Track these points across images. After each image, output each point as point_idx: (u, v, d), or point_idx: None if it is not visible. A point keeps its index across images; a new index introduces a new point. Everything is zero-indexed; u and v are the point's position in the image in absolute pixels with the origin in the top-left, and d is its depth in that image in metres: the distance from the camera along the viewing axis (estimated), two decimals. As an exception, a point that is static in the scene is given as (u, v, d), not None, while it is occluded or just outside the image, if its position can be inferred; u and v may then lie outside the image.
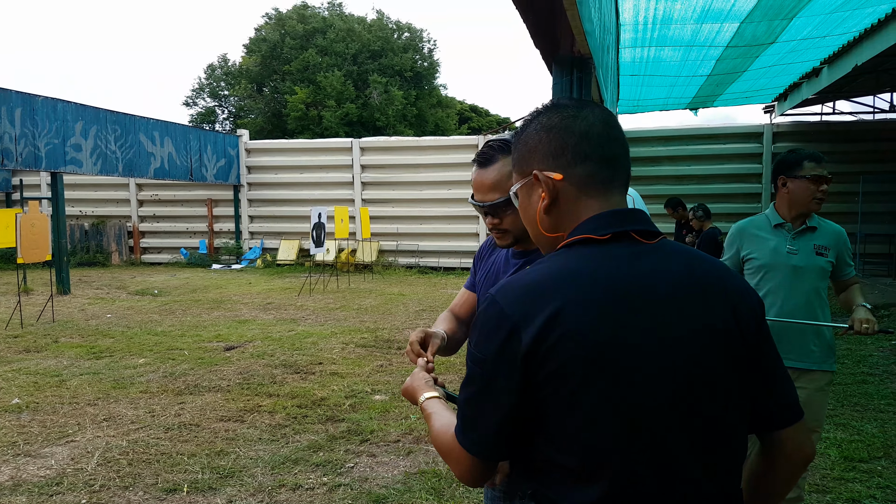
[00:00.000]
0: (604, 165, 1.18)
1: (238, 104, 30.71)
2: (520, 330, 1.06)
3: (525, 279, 1.12)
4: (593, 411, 1.05)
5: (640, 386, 1.06)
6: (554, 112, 1.22)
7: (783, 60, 8.25)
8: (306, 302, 10.88)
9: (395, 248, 15.82)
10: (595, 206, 1.17)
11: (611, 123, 1.21)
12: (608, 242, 1.13)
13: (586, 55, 3.63)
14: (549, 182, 1.19)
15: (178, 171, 14.63)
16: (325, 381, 6.04)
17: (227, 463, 4.19)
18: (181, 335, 8.09)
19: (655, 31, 6.76)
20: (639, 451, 1.05)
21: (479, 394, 1.13)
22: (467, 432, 1.16)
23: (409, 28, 30.66)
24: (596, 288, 1.07)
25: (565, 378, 1.05)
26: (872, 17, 6.73)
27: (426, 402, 1.45)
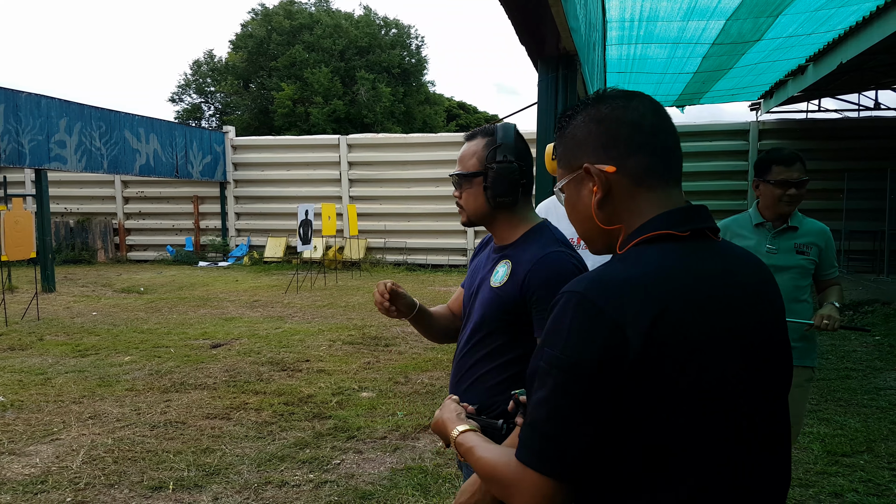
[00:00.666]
0: (658, 157, 1.13)
1: (224, 100, 30.52)
2: (625, 330, 0.97)
3: (619, 274, 1.03)
4: (695, 417, 1.00)
5: (737, 392, 1.03)
6: (602, 103, 1.15)
7: (769, 58, 8.31)
8: (293, 299, 10.85)
9: (383, 246, 15.80)
10: (655, 200, 1.12)
11: (662, 114, 1.15)
12: (689, 239, 1.08)
13: (572, 52, 3.64)
14: (601, 175, 1.13)
15: (163, 167, 14.54)
16: (312, 378, 6.02)
17: (212, 460, 4.17)
18: (167, 333, 8.05)
19: (642, 29, 6.79)
20: (727, 459, 1.02)
21: (567, 406, 1.00)
22: (548, 453, 1.01)
23: (397, 24, 30.57)
24: (694, 287, 1.03)
25: (674, 382, 0.98)
26: (857, 14, 6.78)
27: (461, 436, 1.30)
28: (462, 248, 15.16)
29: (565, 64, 3.73)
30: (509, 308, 1.76)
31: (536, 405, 1.04)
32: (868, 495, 3.69)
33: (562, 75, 3.74)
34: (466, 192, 1.85)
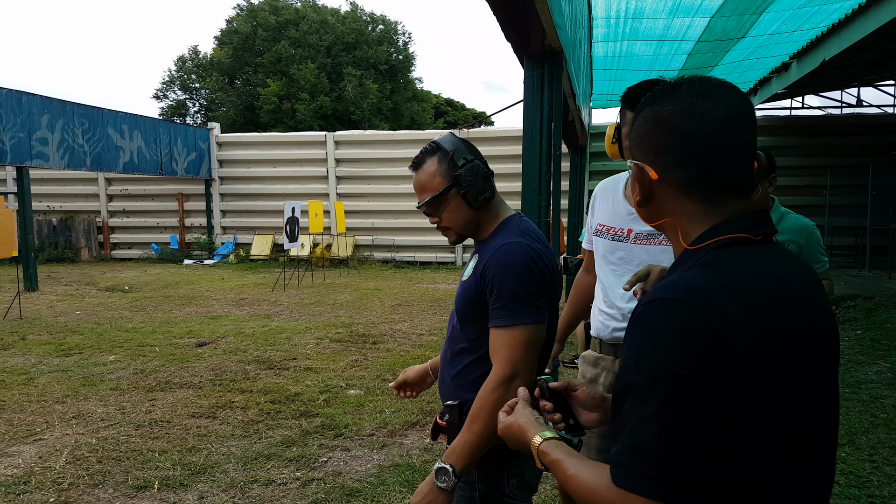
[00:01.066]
0: (708, 173, 1.07)
1: (209, 97, 30.31)
2: (728, 337, 0.94)
3: (711, 281, 1.00)
4: (785, 424, 0.99)
5: (815, 397, 1.03)
6: (668, 101, 1.10)
7: (753, 55, 8.36)
8: (280, 297, 10.81)
9: (371, 243, 15.76)
10: (707, 208, 1.08)
11: (731, 123, 1.07)
12: (762, 243, 1.07)
13: (557, 49, 3.64)
14: (643, 179, 1.12)
15: (147, 165, 14.42)
16: (299, 376, 6.01)
17: (198, 459, 4.15)
18: (152, 331, 8.00)
19: (627, 26, 6.81)
20: (805, 466, 1.03)
21: (684, 419, 0.93)
22: (661, 477, 0.94)
23: (384, 20, 30.48)
24: (780, 292, 1.02)
25: (772, 388, 0.96)
26: (839, 12, 6.83)
27: (545, 445, 1.21)
28: (450, 246, 15.16)
29: (551, 61, 3.73)
30: (476, 300, 1.78)
31: (639, 425, 0.96)
32: (849, 487, 3.73)
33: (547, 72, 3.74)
34: (447, 212, 1.84)
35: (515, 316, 1.70)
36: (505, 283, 1.71)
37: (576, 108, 6.27)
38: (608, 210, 2.39)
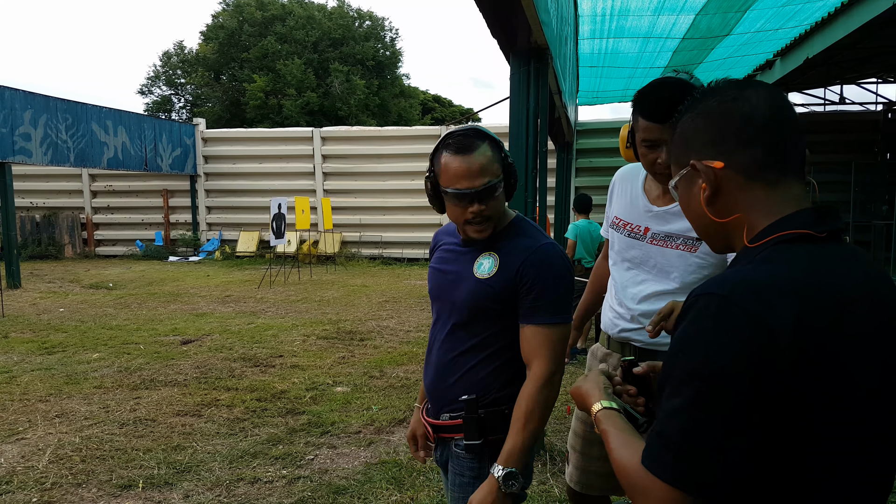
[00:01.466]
0: (773, 150, 1.06)
1: (195, 92, 30.09)
2: (776, 337, 0.91)
3: (766, 277, 0.97)
4: (836, 428, 0.96)
5: (873, 402, 0.99)
6: (711, 97, 1.10)
7: (737, 53, 8.40)
8: (266, 294, 10.76)
9: (359, 240, 15.73)
10: (777, 195, 1.06)
11: (779, 104, 1.07)
12: (826, 241, 1.02)
13: (543, 46, 3.65)
14: (709, 172, 1.08)
15: (132, 161, 14.30)
16: (286, 373, 5.99)
17: (183, 458, 4.13)
18: (136, 329, 7.94)
19: (613, 23, 6.82)
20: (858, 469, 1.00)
21: (707, 419, 0.93)
22: (689, 469, 0.94)
23: (371, 16, 30.38)
24: (840, 292, 0.98)
25: (823, 392, 0.94)
26: (822, 10, 6.88)
27: (602, 413, 1.23)
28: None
29: (537, 58, 3.73)
30: (502, 297, 1.81)
31: (670, 416, 0.96)
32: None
33: (533, 69, 3.74)
34: (495, 201, 1.82)
35: (557, 314, 1.78)
36: (549, 284, 1.78)
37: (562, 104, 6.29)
38: (626, 203, 2.33)
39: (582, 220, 6.87)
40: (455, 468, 1.90)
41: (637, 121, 2.06)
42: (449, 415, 1.90)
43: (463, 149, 1.78)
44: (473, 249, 1.90)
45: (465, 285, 1.86)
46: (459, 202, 1.79)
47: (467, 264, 1.89)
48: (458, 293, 1.88)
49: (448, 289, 1.91)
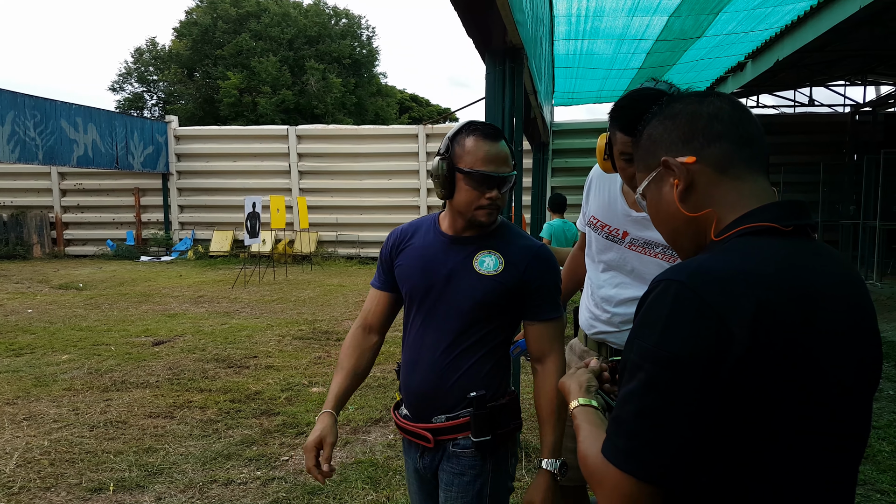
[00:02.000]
0: (741, 145, 1.08)
1: (168, 90, 29.71)
2: (730, 325, 0.91)
3: (724, 266, 0.97)
4: (792, 419, 0.96)
5: (833, 394, 0.98)
6: (675, 102, 1.14)
7: (710, 54, 8.51)
8: (241, 294, 10.67)
9: (335, 239, 15.65)
10: (746, 189, 1.07)
11: (740, 107, 1.11)
12: (792, 235, 1.03)
13: (518, 46, 3.65)
14: (681, 167, 1.09)
15: (102, 159, 14.08)
16: (260, 374, 5.94)
17: (155, 460, 4.08)
18: (107, 330, 7.82)
19: (588, 24, 6.87)
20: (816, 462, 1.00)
21: (665, 404, 0.93)
22: (635, 453, 0.95)
23: (347, 14, 30.25)
24: (800, 285, 0.97)
25: (776, 382, 0.93)
26: (792, 13, 7.00)
27: (578, 409, 1.24)
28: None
29: (512, 57, 3.74)
30: (510, 294, 1.85)
31: (624, 400, 0.97)
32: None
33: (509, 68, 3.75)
34: (507, 193, 1.87)
35: (559, 309, 1.91)
36: (551, 281, 1.89)
37: (538, 105, 6.31)
38: (603, 203, 2.29)
39: (556, 220, 6.91)
40: (454, 468, 1.87)
41: (615, 134, 2.00)
42: (446, 416, 1.87)
43: (493, 135, 1.82)
44: (464, 247, 1.88)
45: (467, 281, 1.85)
46: (480, 185, 1.80)
47: (461, 261, 1.87)
48: (458, 290, 1.86)
49: (442, 286, 1.88)
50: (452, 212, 1.90)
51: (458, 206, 1.85)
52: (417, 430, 1.92)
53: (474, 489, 1.84)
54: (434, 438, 1.89)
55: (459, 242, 1.90)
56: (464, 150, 1.81)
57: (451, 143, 1.85)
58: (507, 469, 1.91)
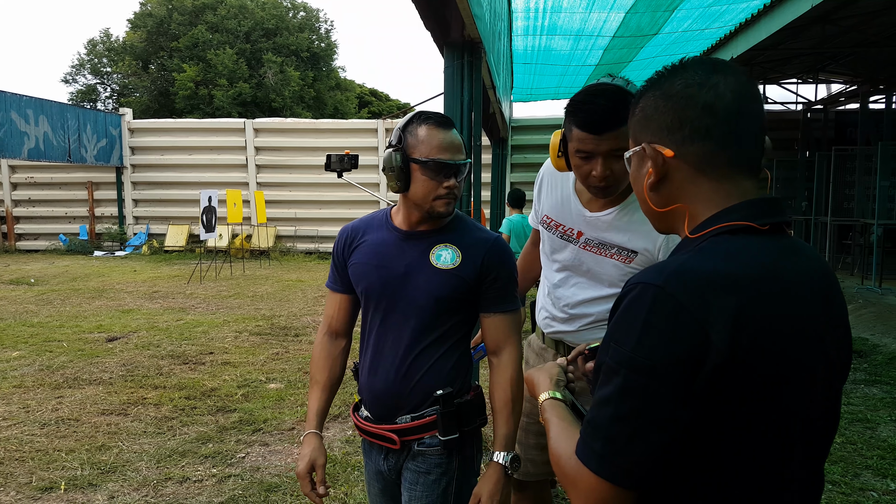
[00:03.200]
0: (727, 145, 1.02)
1: (122, 82, 29.01)
2: (708, 330, 0.90)
3: (701, 268, 0.95)
4: (774, 426, 0.96)
5: (810, 396, 0.99)
6: (677, 77, 1.05)
7: (666, 52, 8.63)
8: (196, 290, 10.49)
9: (294, 234, 15.50)
10: (723, 189, 1.03)
11: (744, 94, 1.03)
12: (769, 234, 1.01)
13: (476, 40, 3.66)
14: (657, 158, 1.05)
15: (54, 151, 13.69)
16: (216, 371, 5.85)
17: (108, 458, 3.99)
18: (59, 326, 7.62)
19: (546, 19, 6.91)
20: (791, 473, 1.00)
21: (641, 409, 0.92)
22: (614, 458, 0.93)
23: (305, 7, 29.92)
24: (779, 286, 0.97)
25: (755, 386, 0.93)
26: (746, 12, 7.14)
27: (548, 402, 1.21)
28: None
29: (470, 51, 3.74)
30: (469, 288, 1.83)
31: (600, 404, 0.95)
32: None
33: (467, 62, 3.75)
34: (463, 182, 1.83)
35: (516, 301, 1.90)
36: (508, 273, 1.88)
37: (496, 100, 6.34)
38: (556, 201, 2.20)
39: (516, 215, 6.96)
40: (419, 467, 1.83)
41: (571, 130, 1.90)
42: (411, 416, 1.82)
43: (445, 124, 1.80)
44: (420, 241, 1.84)
45: (424, 276, 1.81)
46: (437, 175, 1.76)
47: (418, 256, 1.83)
48: (416, 286, 1.81)
49: (398, 283, 1.83)
50: (408, 205, 1.84)
51: (416, 197, 1.79)
52: (381, 433, 1.86)
53: (439, 488, 1.81)
54: (399, 439, 1.83)
55: (415, 237, 1.85)
56: (418, 140, 1.77)
57: (403, 133, 1.80)
58: (472, 466, 1.88)
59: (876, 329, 7.49)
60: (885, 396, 5.27)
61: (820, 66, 12.41)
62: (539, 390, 1.28)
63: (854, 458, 4.05)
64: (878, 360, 6.29)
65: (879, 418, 4.76)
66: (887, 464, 3.96)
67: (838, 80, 13.94)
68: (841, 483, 3.72)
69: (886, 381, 5.68)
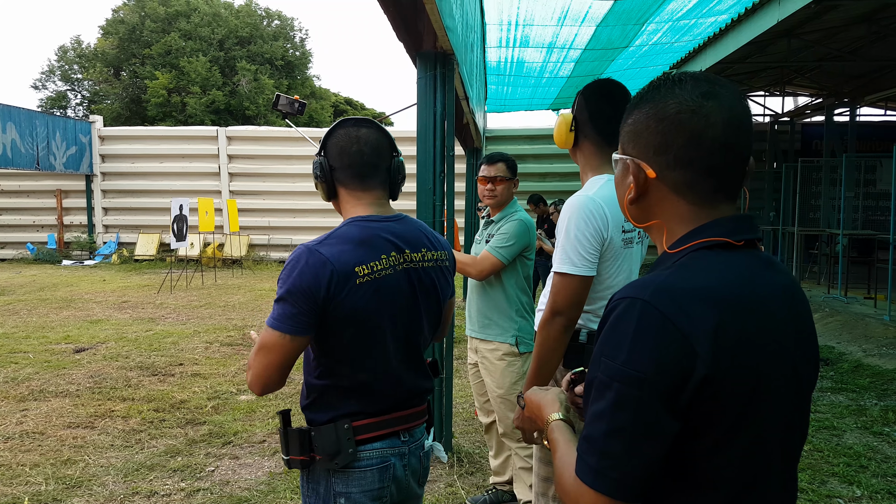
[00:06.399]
0: (708, 175, 1.05)
1: (93, 89, 28.62)
2: (694, 342, 0.93)
3: (685, 283, 0.98)
4: (752, 437, 0.98)
5: (785, 405, 1.02)
6: (673, 97, 1.05)
7: (637, 64, 8.76)
8: (167, 300, 10.35)
9: (267, 242, 15.38)
10: (696, 211, 1.07)
11: (735, 126, 1.04)
12: (743, 249, 1.05)
13: (449, 51, 3.68)
14: (639, 175, 1.08)
15: (22, 159, 13.45)
16: (186, 382, 5.77)
17: (74, 472, 3.92)
18: (25, 337, 7.47)
19: (519, 32, 6.98)
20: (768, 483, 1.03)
21: (634, 422, 0.93)
22: (607, 472, 0.94)
23: (280, 16, 29.83)
24: (756, 299, 1.00)
25: (738, 396, 0.96)
26: (714, 26, 7.28)
27: (556, 424, 1.19)
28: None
29: (443, 62, 3.76)
30: None
31: (594, 419, 0.97)
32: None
33: (440, 73, 3.77)
34: None
35: None
36: None
37: (470, 110, 6.37)
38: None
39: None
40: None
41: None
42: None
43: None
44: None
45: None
46: None
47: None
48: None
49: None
50: None
51: None
52: None
53: None
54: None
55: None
56: None
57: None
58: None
59: (842, 337, 7.64)
60: (850, 404, 5.37)
61: (786, 79, 12.67)
62: (547, 411, 1.26)
63: (821, 466, 4.12)
64: (844, 367, 6.42)
65: (845, 425, 4.85)
66: (853, 471, 4.03)
67: (804, 94, 14.23)
68: (808, 490, 3.78)
69: (852, 388, 5.79)
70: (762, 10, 6.48)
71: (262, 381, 1.66)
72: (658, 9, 6.10)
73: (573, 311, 2.08)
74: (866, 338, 7.42)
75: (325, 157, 1.78)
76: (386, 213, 1.79)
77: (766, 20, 6.47)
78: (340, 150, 1.77)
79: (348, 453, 1.66)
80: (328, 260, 1.60)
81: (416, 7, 3.31)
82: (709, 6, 6.39)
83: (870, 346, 7.08)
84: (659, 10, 6.14)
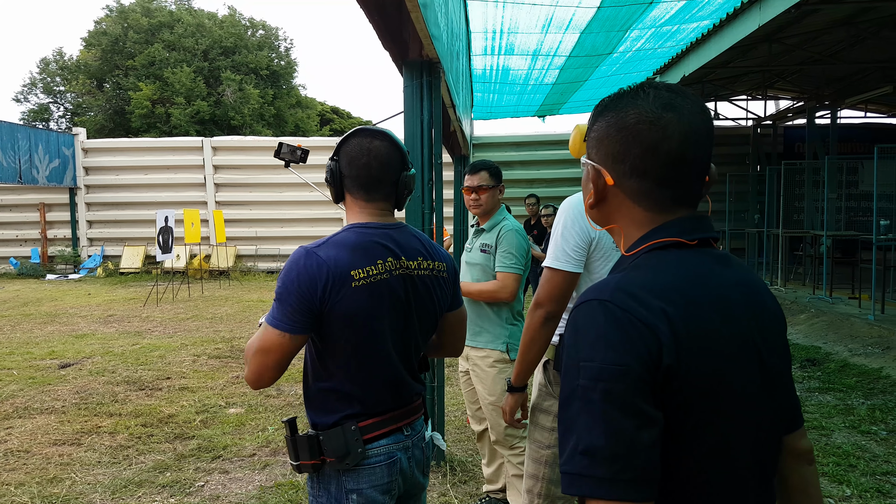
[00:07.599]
0: (664, 185, 1.07)
1: (76, 101, 28.41)
2: (657, 332, 0.95)
3: (640, 281, 1.01)
4: (713, 424, 0.99)
5: (750, 398, 1.02)
6: (633, 107, 1.07)
7: (620, 70, 8.81)
8: (153, 313, 10.27)
9: (255, 253, 15.30)
10: (652, 217, 1.09)
11: (692, 139, 1.05)
12: (697, 247, 1.07)
13: (435, 59, 3.68)
14: (598, 182, 1.11)
15: (4, 173, 13.32)
16: (174, 396, 5.72)
17: (60, 490, 3.86)
18: (9, 353, 7.38)
19: (504, 40, 7.00)
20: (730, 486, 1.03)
21: (629, 414, 0.92)
22: (621, 475, 0.91)
23: (264, 26, 29.77)
24: (711, 294, 1.02)
25: (699, 388, 0.97)
26: (696, 32, 7.34)
27: None
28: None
29: (429, 71, 3.76)
30: None
31: (588, 427, 0.92)
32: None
33: (426, 82, 3.77)
34: None
35: None
36: None
37: (456, 118, 6.38)
38: None
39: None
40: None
41: None
42: None
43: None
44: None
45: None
46: None
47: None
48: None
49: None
50: None
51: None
52: None
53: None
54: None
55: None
56: None
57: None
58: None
59: (828, 338, 7.70)
60: (838, 403, 5.40)
61: (768, 83, 12.79)
62: None
63: (811, 467, 4.13)
64: (831, 367, 6.46)
65: (833, 425, 4.88)
66: (842, 470, 4.05)
67: (786, 97, 14.37)
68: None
69: (839, 388, 5.82)
70: (743, 16, 6.55)
71: (257, 377, 1.74)
72: (641, 15, 6.14)
73: (554, 305, 2.19)
74: (852, 337, 7.48)
75: (337, 163, 1.84)
76: (386, 221, 1.82)
77: (748, 25, 6.54)
78: (350, 159, 1.82)
79: (357, 453, 1.73)
80: (325, 262, 1.67)
81: (401, 16, 3.31)
82: (691, 12, 6.44)
83: (855, 346, 7.13)
84: (642, 16, 6.18)
